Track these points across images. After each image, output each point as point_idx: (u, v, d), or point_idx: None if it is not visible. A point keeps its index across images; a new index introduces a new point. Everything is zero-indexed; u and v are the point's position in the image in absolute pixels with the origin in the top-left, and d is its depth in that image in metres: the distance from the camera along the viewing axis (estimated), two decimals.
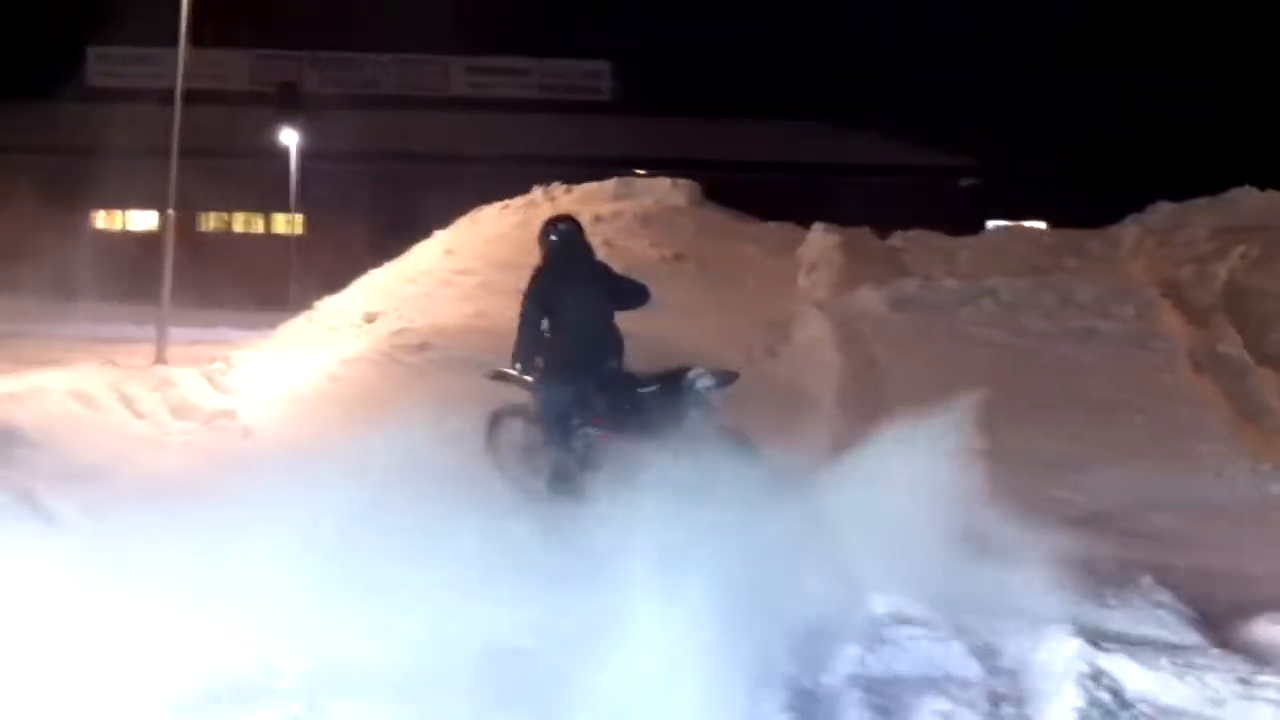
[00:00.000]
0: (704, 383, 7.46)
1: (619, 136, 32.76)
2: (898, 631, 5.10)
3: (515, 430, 7.92)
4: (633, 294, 7.95)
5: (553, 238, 7.95)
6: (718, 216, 16.59)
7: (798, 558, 5.47)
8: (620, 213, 16.20)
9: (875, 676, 4.65)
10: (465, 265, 14.60)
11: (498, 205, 16.62)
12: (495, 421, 7.98)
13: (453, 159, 32.03)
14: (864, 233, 15.50)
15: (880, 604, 5.22)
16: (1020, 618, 5.36)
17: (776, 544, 5.43)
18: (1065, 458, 8.96)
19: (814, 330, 11.66)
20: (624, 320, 12.55)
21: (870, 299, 12.12)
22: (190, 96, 14.66)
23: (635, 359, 11.08)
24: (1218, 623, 5.57)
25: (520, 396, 7.91)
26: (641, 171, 20.27)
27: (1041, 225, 22.28)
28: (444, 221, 16.74)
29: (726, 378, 7.62)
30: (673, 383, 7.52)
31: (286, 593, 5.59)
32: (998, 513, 6.52)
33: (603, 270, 8.02)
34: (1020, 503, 7.74)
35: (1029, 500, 7.95)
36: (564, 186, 17.26)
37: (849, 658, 4.82)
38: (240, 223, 35.39)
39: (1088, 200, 18.39)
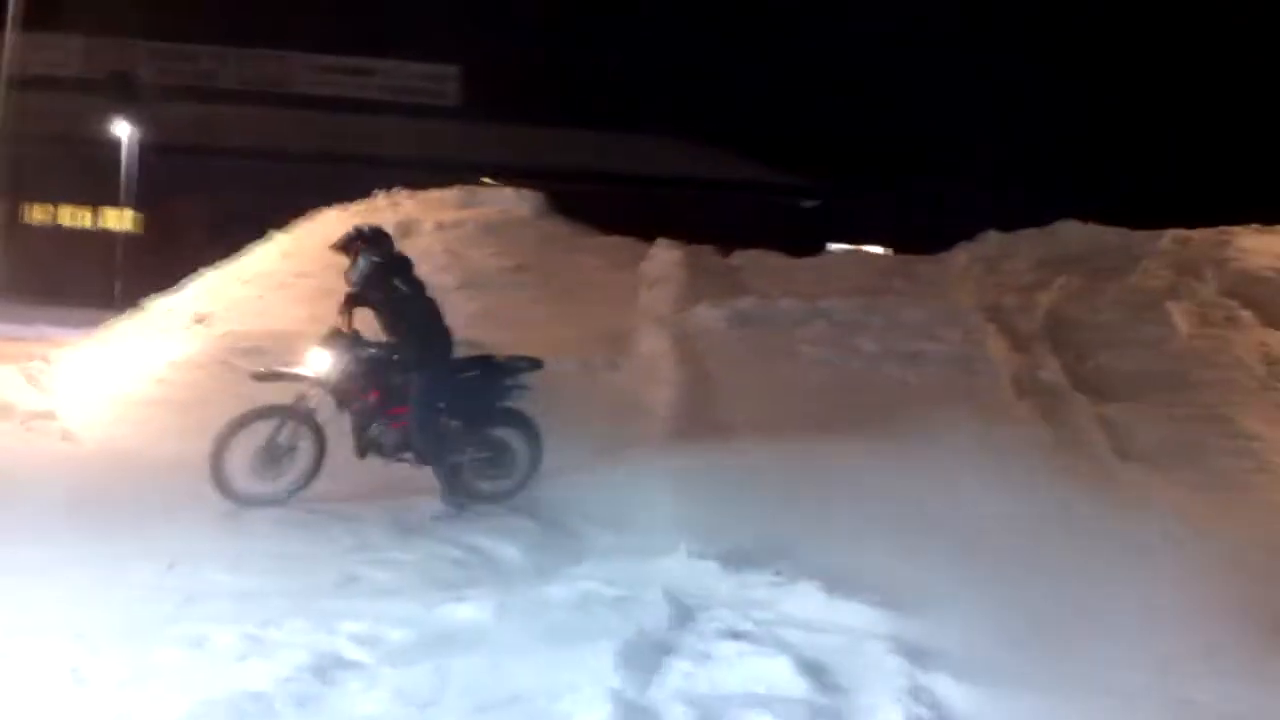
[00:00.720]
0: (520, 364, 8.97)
1: (464, 142, 32.55)
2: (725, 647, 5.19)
3: (261, 434, 8.08)
4: None
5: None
6: (562, 228, 16.56)
7: None
8: (463, 221, 16.06)
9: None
10: (303, 268, 14.26)
11: (338, 208, 16.30)
12: (238, 427, 8.04)
13: (293, 158, 31.41)
14: (706, 250, 15.65)
15: None
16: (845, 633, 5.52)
17: None
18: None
19: (653, 344, 11.72)
20: (466, 329, 12.54)
21: (709, 316, 12.25)
22: (19, 82, 14.11)
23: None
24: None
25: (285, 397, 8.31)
26: (488, 180, 20.18)
27: (880, 250, 22.82)
28: (282, 222, 16.37)
29: (534, 363, 9.05)
30: (490, 366, 8.94)
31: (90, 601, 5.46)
32: None
33: None
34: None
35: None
36: (407, 191, 17.04)
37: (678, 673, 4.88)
38: (68, 215, 34.05)
39: (924, 227, 18.91)
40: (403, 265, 8.68)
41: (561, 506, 8.12)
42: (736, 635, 5.39)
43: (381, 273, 8.49)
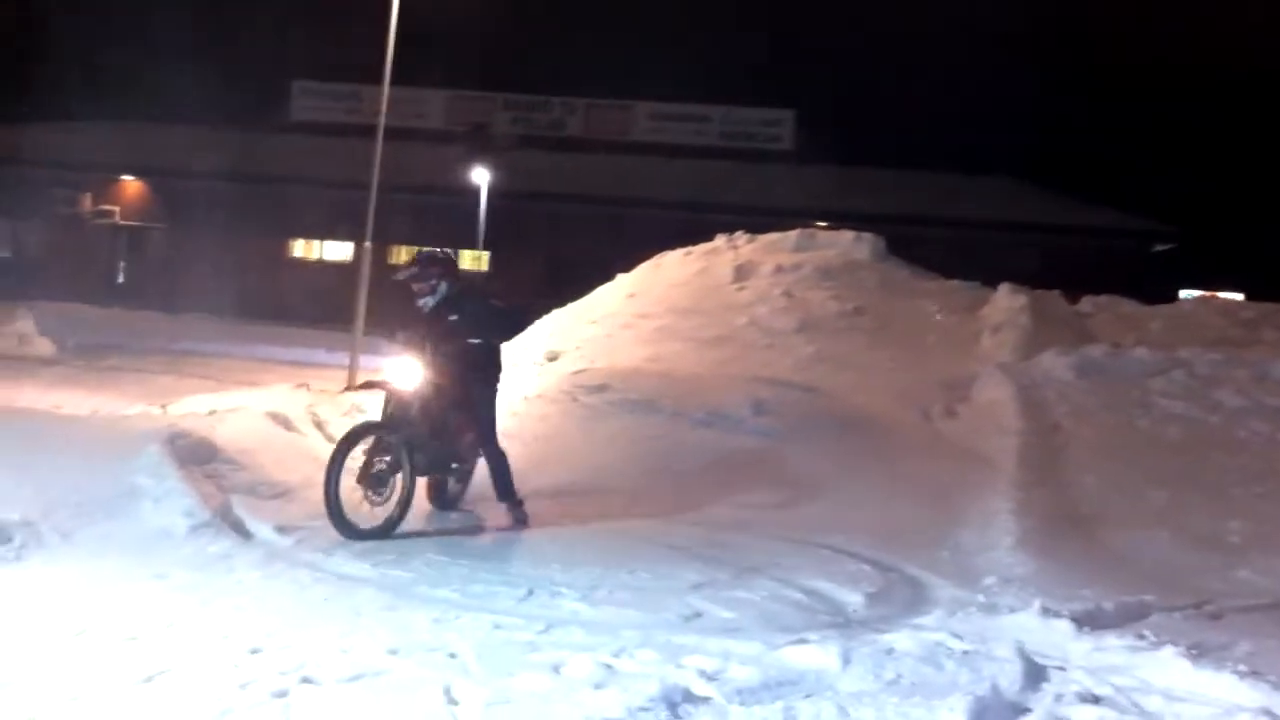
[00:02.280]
0: None
1: (800, 186, 32.72)
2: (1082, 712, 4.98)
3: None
4: None
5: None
6: (900, 272, 16.39)
7: None
8: (801, 264, 16.14)
9: None
10: (646, 309, 14.74)
11: (680, 251, 16.75)
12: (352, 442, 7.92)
13: (633, 203, 32.46)
14: (1052, 295, 15.16)
15: None
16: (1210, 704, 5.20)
17: None
18: (1254, 538, 8.62)
19: (995, 392, 11.44)
20: (802, 372, 12.62)
21: (1056, 364, 11.81)
22: (388, 133, 15.25)
23: (799, 407, 11.13)
24: None
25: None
26: (823, 224, 20.23)
27: (1238, 297, 21.46)
28: (621, 264, 16.96)
29: None
30: None
31: (457, 624, 5.76)
32: None
33: None
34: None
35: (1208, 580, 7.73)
36: (746, 235, 17.30)
37: None
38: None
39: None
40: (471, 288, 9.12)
41: (902, 554, 8.01)
42: (1094, 699, 5.16)
43: (457, 296, 8.57)
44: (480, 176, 32.56)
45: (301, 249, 36.20)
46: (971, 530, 8.44)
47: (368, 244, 14.72)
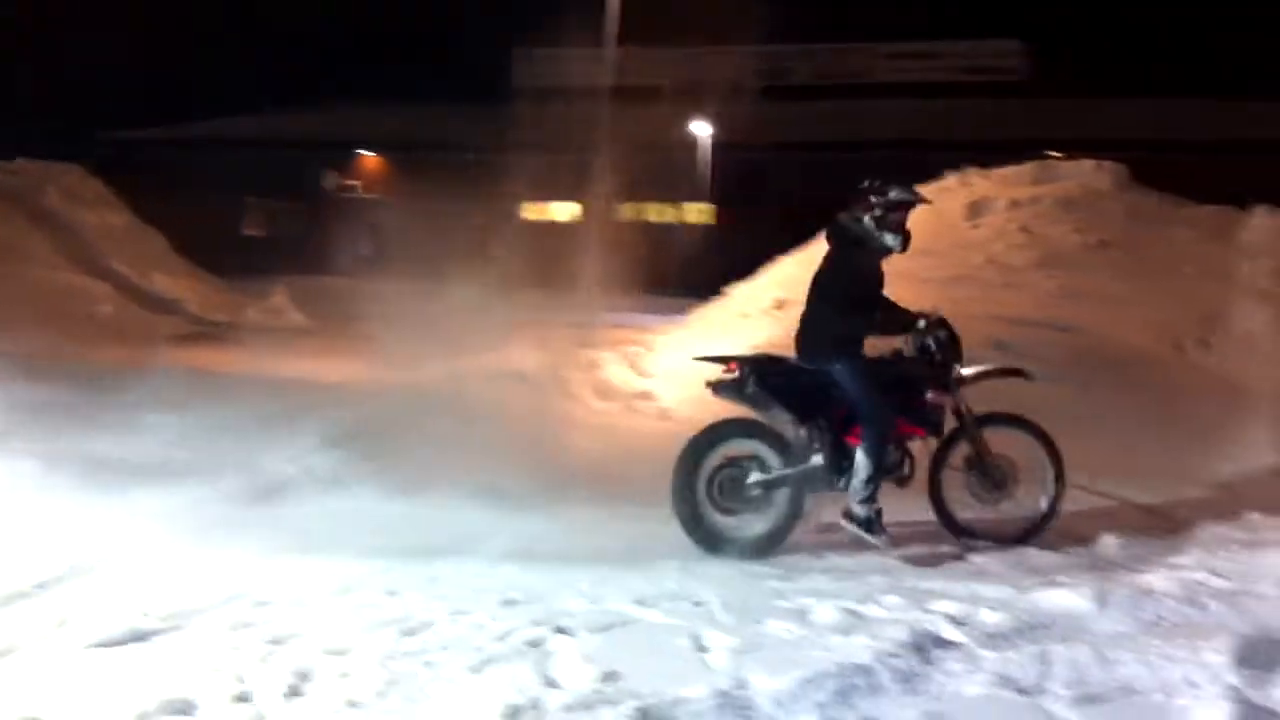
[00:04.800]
0: None
1: (1033, 119, 31.55)
2: None
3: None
4: None
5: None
6: (1146, 200, 15.61)
7: None
8: (1039, 197, 15.58)
9: None
10: None
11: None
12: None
13: (862, 146, 31.90)
14: None
15: None
16: None
17: None
18: None
19: (1254, 322, 10.86)
20: (1045, 309, 12.20)
21: None
22: (617, 93, 15.40)
23: (1047, 348, 10.77)
24: None
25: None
26: (1057, 154, 19.45)
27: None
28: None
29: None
30: None
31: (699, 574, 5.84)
32: None
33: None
34: None
35: None
36: (980, 170, 16.77)
37: None
38: (655, 212, 36.66)
39: None
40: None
41: (1158, 491, 7.72)
42: None
43: None
44: (707, 129, 32.59)
45: (534, 212, 36.98)
46: (1232, 464, 8.05)
47: (598, 203, 14.91)
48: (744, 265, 16.25)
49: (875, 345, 6.87)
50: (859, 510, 6.55)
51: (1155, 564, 6.14)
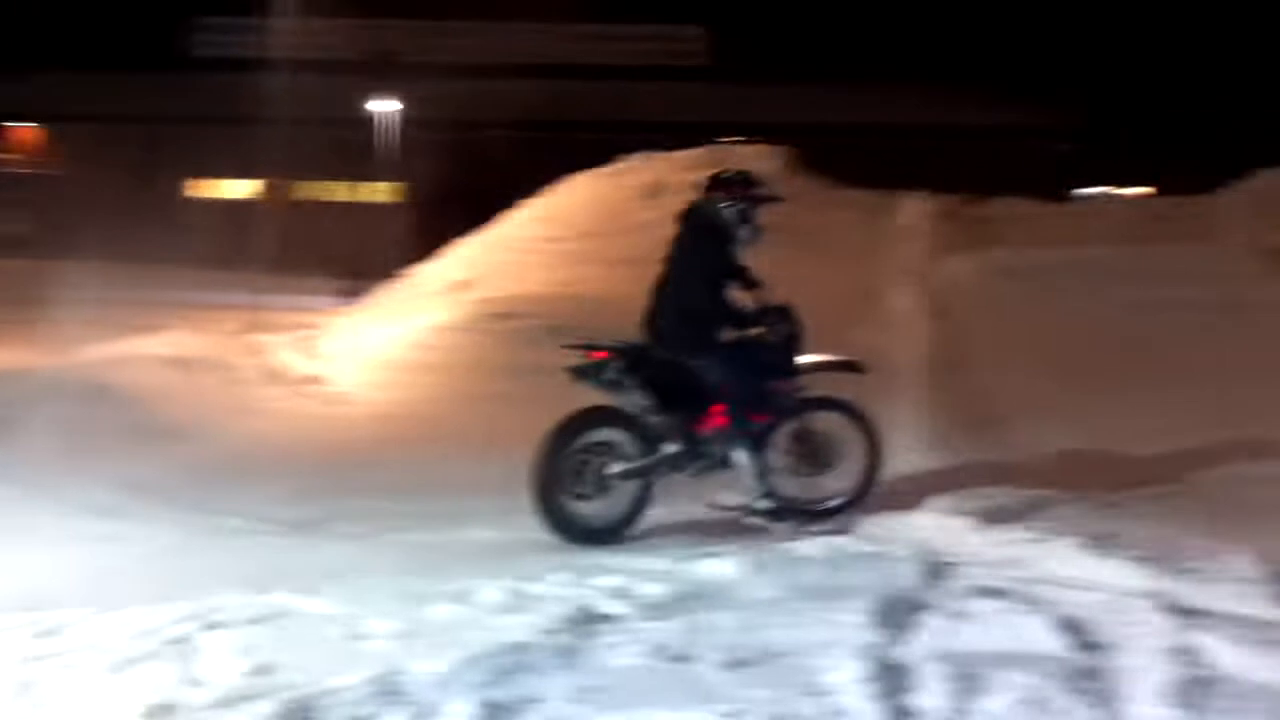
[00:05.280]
0: None
1: (714, 103, 32.56)
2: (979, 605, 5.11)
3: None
4: None
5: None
6: (810, 184, 16.40)
7: None
8: None
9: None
10: (556, 233, 14.68)
11: (589, 173, 16.64)
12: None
13: (544, 126, 32.12)
14: (958, 200, 15.31)
15: None
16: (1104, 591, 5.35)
17: None
18: (1165, 428, 8.85)
19: (905, 299, 11.59)
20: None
21: (963, 268, 12.03)
22: (289, 66, 14.94)
23: None
24: None
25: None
26: (733, 139, 20.15)
27: (1140, 191, 21.81)
28: (536, 190, 16.82)
29: None
30: None
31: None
32: None
33: None
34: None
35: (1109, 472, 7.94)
36: (656, 154, 17.19)
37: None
38: (333, 191, 35.76)
39: (1187, 167, 17.90)
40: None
41: None
42: (991, 593, 5.29)
43: None
44: (394, 106, 32.06)
45: (198, 189, 35.56)
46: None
47: (266, 180, 14.43)
48: (429, 246, 16.12)
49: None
50: (760, 505, 6.72)
51: (806, 532, 6.51)
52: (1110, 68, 32.70)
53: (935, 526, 6.35)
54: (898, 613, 4.96)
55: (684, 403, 6.80)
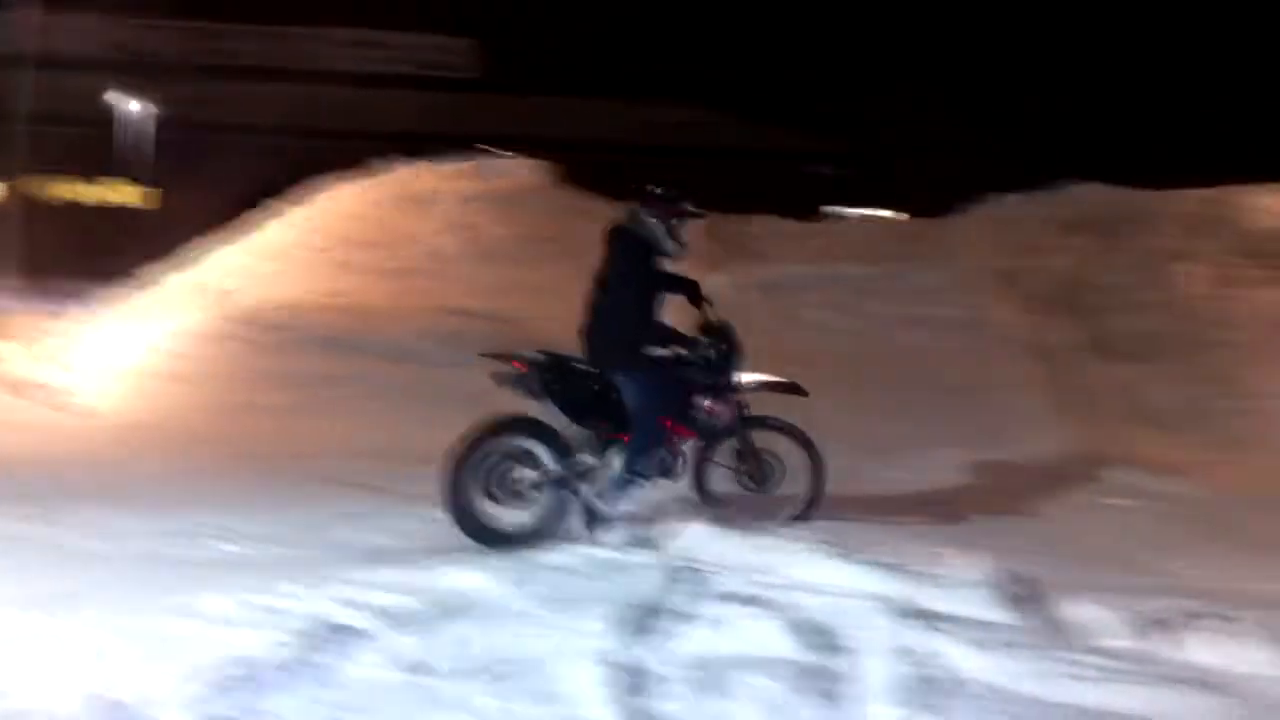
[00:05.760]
0: None
1: (484, 114, 32.45)
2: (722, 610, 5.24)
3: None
4: None
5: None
6: (578, 198, 16.54)
7: None
8: (481, 193, 16.09)
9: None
10: (322, 242, 14.39)
11: (357, 182, 16.37)
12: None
13: (310, 133, 31.42)
14: (717, 217, 15.64)
15: None
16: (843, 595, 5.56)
17: None
18: (904, 440, 9.26)
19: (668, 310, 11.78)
20: (486, 301, 12.59)
21: (722, 283, 12.29)
22: (31, 61, 14.21)
23: (489, 338, 11.16)
24: (1032, 601, 5.80)
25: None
26: (502, 151, 20.17)
27: (890, 214, 22.77)
28: (296, 197, 16.43)
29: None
30: None
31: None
32: None
33: None
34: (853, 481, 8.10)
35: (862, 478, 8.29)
36: (425, 164, 17.04)
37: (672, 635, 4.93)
38: (77, 192, 34.08)
39: (934, 189, 18.79)
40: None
41: None
42: (734, 598, 5.42)
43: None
44: (144, 108, 30.84)
45: None
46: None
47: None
48: (182, 251, 15.53)
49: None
50: (605, 507, 6.74)
51: (555, 542, 6.55)
52: (869, 95, 34.01)
53: (688, 534, 6.49)
54: (644, 619, 5.05)
55: (602, 416, 6.87)
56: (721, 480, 7.38)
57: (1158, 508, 8.02)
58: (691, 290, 7.35)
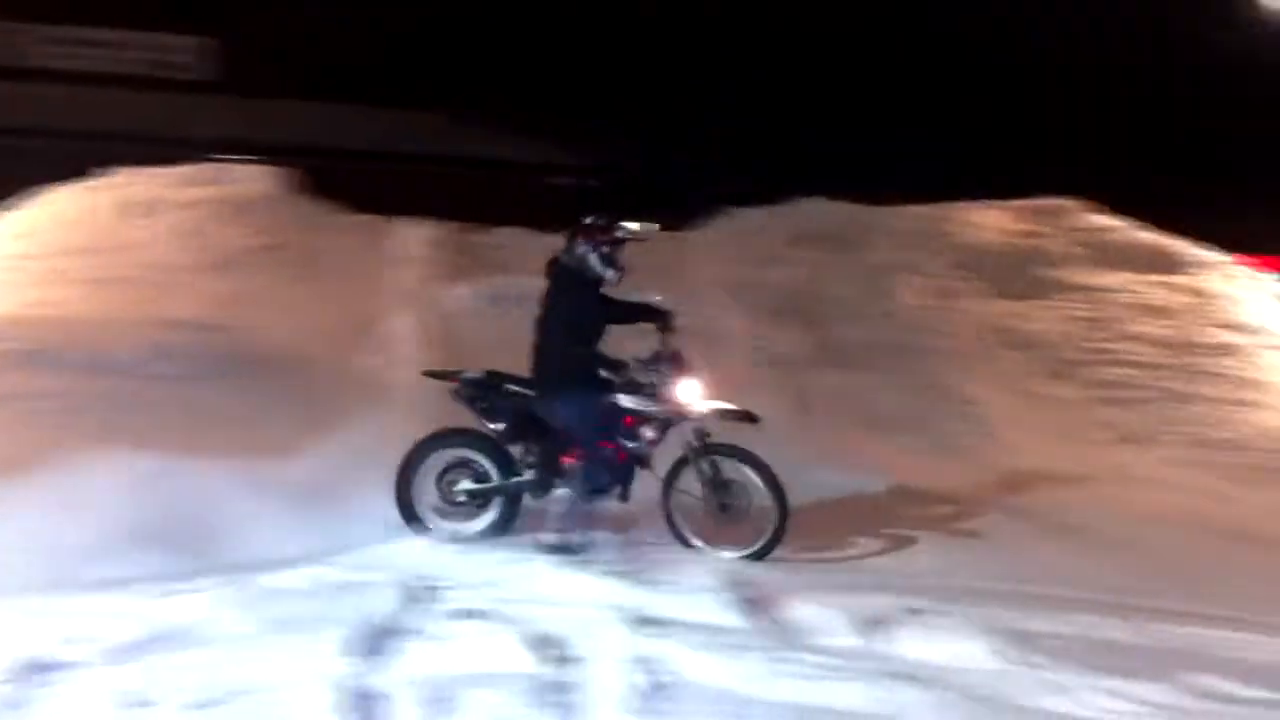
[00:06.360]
0: None
1: (217, 118, 31.29)
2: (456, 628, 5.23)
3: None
4: None
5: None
6: (312, 207, 16.09)
7: None
8: (209, 200, 15.49)
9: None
10: (31, 250, 13.52)
11: (72, 187, 15.50)
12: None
13: (21, 134, 29.65)
14: (458, 227, 15.57)
15: None
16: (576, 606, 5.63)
17: None
18: None
19: (402, 325, 11.65)
20: (215, 313, 12.12)
21: (461, 295, 12.27)
22: None
23: (207, 351, 10.81)
24: (761, 604, 6.00)
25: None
26: (233, 157, 19.54)
27: (633, 226, 23.09)
28: (7, 204, 15.46)
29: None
30: None
31: None
32: None
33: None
34: None
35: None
36: (149, 169, 16.29)
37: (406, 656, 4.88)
38: None
39: (675, 202, 19.16)
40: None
41: (302, 496, 7.94)
42: (468, 614, 5.43)
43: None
44: None
45: None
46: (373, 468, 8.47)
47: None
48: None
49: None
50: (551, 541, 6.86)
51: (289, 564, 6.32)
52: (620, 108, 34.49)
53: (419, 552, 6.44)
54: (375, 640, 4.98)
55: (535, 435, 7.24)
56: (686, 509, 7.37)
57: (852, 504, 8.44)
58: (661, 318, 7.57)
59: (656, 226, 8.35)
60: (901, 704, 4.70)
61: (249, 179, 16.47)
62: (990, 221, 14.69)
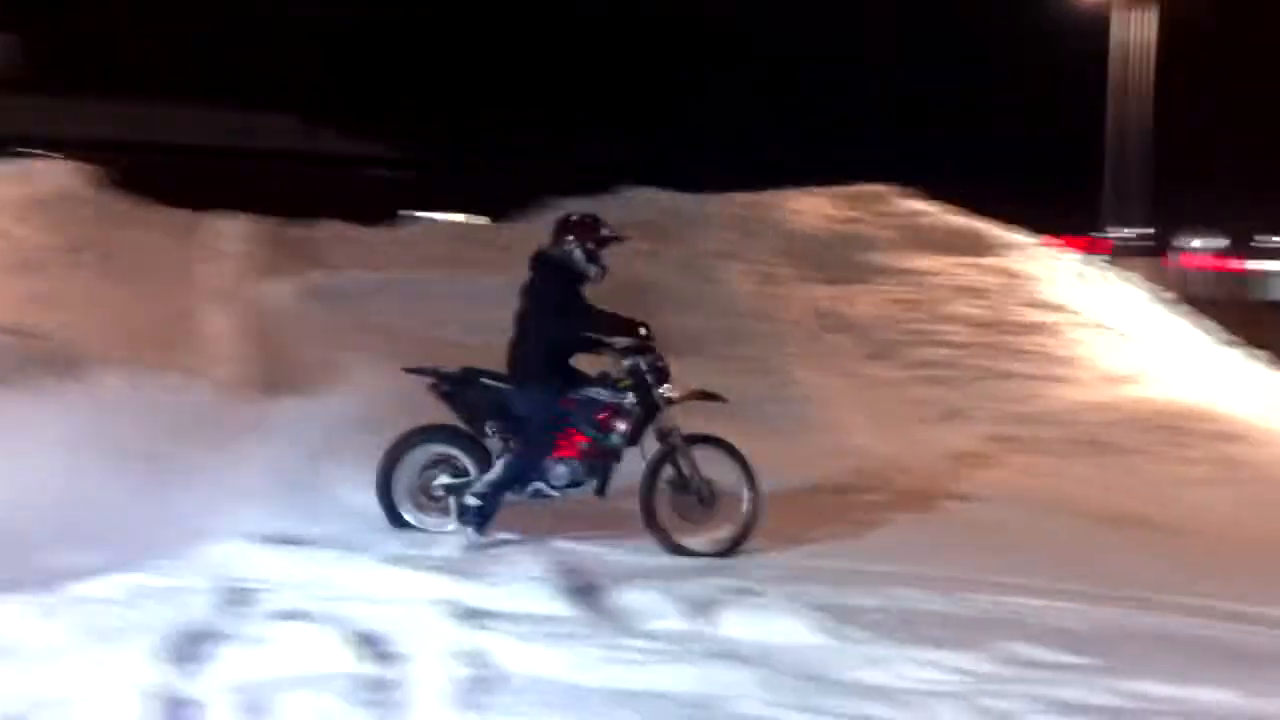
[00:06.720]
0: None
1: (19, 114, 30.05)
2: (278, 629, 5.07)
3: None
4: None
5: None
6: (121, 203, 15.49)
7: None
8: (11, 198, 14.80)
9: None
10: None
11: None
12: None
13: None
14: (273, 222, 15.19)
15: None
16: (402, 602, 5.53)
17: None
18: None
19: (218, 322, 11.33)
20: (19, 313, 11.56)
21: (278, 290, 12.00)
22: None
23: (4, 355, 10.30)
24: (587, 592, 5.99)
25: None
26: (38, 152, 18.73)
27: (458, 218, 22.94)
28: None
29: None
30: None
31: None
32: None
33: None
34: None
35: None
36: None
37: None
38: None
39: (500, 195, 19.07)
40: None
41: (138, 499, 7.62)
42: (290, 615, 5.28)
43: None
44: None
45: None
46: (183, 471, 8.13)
47: None
48: None
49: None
50: (469, 499, 7.01)
51: (105, 571, 6.05)
52: (440, 99, 34.19)
53: (239, 554, 6.23)
54: (188, 646, 4.79)
55: (508, 427, 7.23)
56: (666, 504, 7.31)
57: None
58: (637, 333, 7.56)
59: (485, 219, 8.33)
60: (727, 683, 4.73)
61: (53, 175, 15.79)
62: (811, 207, 14.96)
